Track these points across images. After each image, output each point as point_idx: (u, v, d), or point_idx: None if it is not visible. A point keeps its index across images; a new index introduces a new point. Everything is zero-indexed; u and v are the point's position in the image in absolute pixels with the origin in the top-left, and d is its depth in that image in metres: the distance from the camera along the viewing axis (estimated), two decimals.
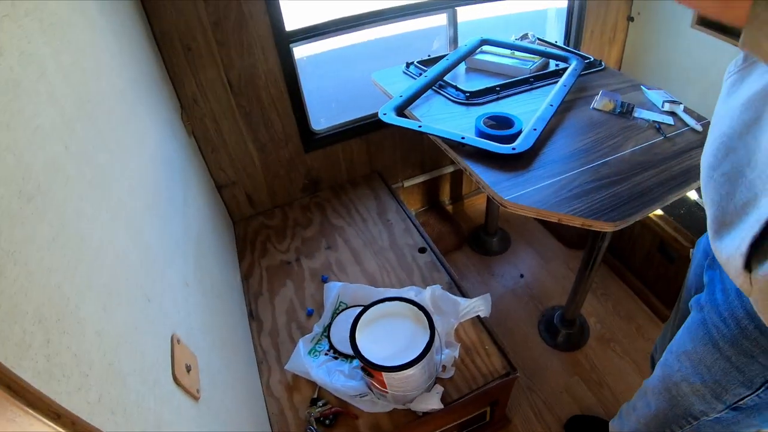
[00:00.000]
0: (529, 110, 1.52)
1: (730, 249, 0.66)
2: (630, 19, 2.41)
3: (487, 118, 1.45)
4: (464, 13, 2.08)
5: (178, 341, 0.85)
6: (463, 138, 1.34)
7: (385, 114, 1.50)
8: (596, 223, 1.14)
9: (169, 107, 1.48)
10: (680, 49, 2.25)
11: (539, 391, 1.88)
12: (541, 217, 1.19)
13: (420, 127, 1.42)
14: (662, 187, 1.25)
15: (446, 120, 1.51)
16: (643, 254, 2.13)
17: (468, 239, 2.54)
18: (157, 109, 1.31)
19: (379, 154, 2.22)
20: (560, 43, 2.15)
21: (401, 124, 1.45)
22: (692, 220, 1.86)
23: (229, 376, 1.14)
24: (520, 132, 1.38)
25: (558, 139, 1.42)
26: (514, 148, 1.30)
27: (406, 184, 2.39)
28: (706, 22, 2.14)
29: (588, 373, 1.94)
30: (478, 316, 1.54)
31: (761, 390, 0.77)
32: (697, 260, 1.08)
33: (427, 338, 1.24)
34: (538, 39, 1.99)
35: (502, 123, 1.45)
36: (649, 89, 1.67)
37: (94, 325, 0.58)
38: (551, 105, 1.46)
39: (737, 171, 0.66)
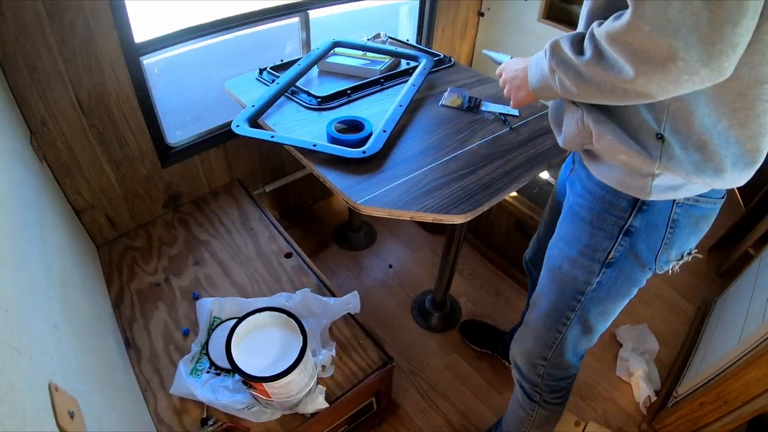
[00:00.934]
0: (380, 111, 1.55)
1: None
2: (480, 14, 2.53)
3: (338, 122, 1.46)
4: (318, 11, 2.08)
5: (56, 388, 0.80)
6: (314, 145, 1.34)
7: (238, 126, 1.46)
8: (446, 217, 1.19)
9: (17, 134, 1.36)
10: (528, 42, 2.39)
11: (422, 373, 1.96)
12: (393, 217, 1.22)
13: (273, 137, 1.40)
14: (507, 177, 1.33)
15: (299, 127, 1.50)
16: (503, 233, 2.28)
17: (334, 237, 2.56)
18: (3, 139, 1.20)
19: (238, 162, 2.18)
20: (412, 41, 2.21)
21: (254, 136, 1.42)
22: (544, 198, 1.99)
23: (115, 413, 1.08)
24: (370, 135, 1.40)
25: (408, 138, 1.46)
26: (364, 152, 1.32)
27: (268, 188, 2.36)
28: (551, 16, 2.29)
29: (464, 349, 2.06)
30: (350, 314, 1.58)
31: (620, 238, 0.97)
32: (561, 180, 1.30)
33: (300, 344, 1.26)
34: (390, 38, 2.04)
35: (353, 127, 1.47)
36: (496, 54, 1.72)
37: None
38: (400, 105, 1.50)
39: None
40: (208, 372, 1.44)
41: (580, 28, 0.92)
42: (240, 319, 1.32)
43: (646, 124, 0.83)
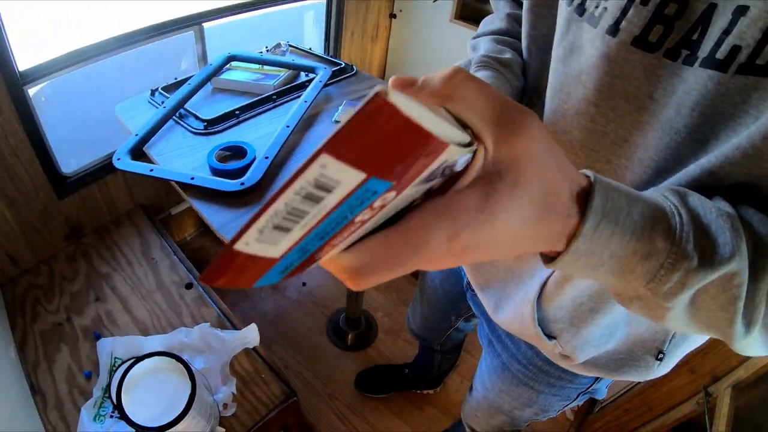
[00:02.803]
0: (270, 132, 1.47)
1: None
2: (392, 16, 2.47)
3: (220, 149, 1.39)
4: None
5: None
6: (192, 178, 1.27)
7: (119, 159, 1.38)
8: None
9: None
10: (441, 42, 2.34)
11: (339, 395, 1.92)
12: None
13: (152, 171, 1.32)
14: None
15: (184, 155, 1.42)
16: None
17: None
18: None
19: (138, 187, 2.09)
20: (319, 48, 2.14)
21: (133, 170, 1.33)
22: None
23: None
24: (253, 161, 1.33)
25: (295, 161, 1.40)
26: (242, 183, 1.26)
27: (174, 211, 2.27)
28: (464, 16, 2.25)
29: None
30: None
31: (578, 399, 0.92)
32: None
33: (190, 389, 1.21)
34: (291, 47, 1.96)
35: (237, 153, 1.40)
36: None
37: None
38: (287, 126, 1.43)
39: None
40: (111, 416, 1.37)
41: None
42: (129, 367, 1.26)
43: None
